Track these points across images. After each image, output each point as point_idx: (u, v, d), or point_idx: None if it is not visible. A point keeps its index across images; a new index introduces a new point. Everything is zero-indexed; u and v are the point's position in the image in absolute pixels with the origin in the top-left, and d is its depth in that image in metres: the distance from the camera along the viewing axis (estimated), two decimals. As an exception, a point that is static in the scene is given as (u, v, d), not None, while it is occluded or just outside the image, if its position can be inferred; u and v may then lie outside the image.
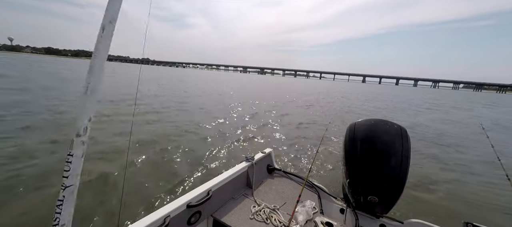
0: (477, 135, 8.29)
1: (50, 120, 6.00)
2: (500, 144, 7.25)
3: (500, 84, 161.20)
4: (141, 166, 3.81)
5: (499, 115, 16.46)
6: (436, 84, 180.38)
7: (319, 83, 67.12)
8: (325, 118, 10.26)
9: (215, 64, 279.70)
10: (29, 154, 3.83)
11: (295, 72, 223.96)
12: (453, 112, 15.85)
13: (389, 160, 1.55)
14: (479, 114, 16.04)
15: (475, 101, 30.96)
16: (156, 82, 20.72)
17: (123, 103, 9.18)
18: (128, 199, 2.89)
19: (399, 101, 22.36)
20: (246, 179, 2.19)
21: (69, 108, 7.45)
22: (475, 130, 9.15)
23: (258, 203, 1.96)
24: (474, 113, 16.33)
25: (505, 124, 11.82)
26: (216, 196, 1.76)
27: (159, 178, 3.46)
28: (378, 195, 1.59)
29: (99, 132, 5.22)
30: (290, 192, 2.20)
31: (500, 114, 17.26)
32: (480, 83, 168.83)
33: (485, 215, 3.24)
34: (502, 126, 11.29)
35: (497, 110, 19.93)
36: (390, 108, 15.64)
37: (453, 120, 11.88)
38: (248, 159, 2.24)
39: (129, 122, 6.42)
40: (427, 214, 3.01)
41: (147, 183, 3.29)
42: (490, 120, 13.05)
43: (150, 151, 4.39)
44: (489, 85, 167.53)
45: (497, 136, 8.58)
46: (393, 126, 1.68)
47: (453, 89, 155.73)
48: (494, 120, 13.37)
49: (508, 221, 3.10)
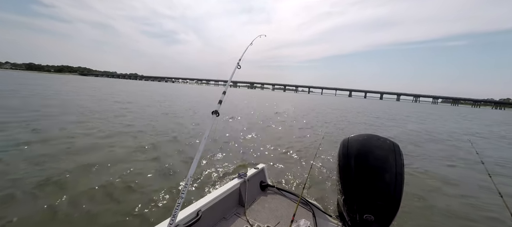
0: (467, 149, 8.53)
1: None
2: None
3: (475, 99, 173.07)
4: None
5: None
6: (417, 99, 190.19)
7: (308, 97, 68.61)
8: (317, 130, 10.36)
9: (205, 79, 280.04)
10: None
11: (285, 86, 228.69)
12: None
13: (384, 176, 1.53)
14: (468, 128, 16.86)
15: (459, 115, 32.54)
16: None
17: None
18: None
19: (395, 118, 20.46)
20: (238, 196, 2.09)
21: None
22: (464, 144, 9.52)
23: (250, 223, 1.85)
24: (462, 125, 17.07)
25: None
26: (207, 217, 1.65)
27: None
28: (374, 213, 1.54)
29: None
30: (284, 210, 2.11)
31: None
32: (456, 98, 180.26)
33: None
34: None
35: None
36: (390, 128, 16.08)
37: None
38: (240, 175, 2.16)
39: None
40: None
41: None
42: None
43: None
44: (465, 100, 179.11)
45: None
46: (385, 142, 1.67)
47: (432, 104, 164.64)
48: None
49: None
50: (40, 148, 4.92)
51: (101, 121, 8.46)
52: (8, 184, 3.28)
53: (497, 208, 3.65)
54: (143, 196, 3.26)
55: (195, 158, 0.94)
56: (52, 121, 7.70)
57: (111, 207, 2.94)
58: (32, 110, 9.41)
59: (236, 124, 10.33)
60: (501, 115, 42.78)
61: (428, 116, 26.65)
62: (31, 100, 12.59)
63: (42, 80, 41.28)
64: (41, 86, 24.39)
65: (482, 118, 31.18)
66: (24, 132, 6.05)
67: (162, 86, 71.84)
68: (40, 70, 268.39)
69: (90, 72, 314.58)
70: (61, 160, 4.35)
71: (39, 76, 79.62)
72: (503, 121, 28.23)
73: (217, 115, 1.15)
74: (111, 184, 3.53)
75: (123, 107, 12.70)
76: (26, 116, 8.04)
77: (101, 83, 48.81)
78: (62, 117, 8.60)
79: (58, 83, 34.24)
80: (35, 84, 27.60)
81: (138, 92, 29.21)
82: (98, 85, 37.57)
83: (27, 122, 7.17)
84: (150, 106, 14.42)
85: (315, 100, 52.23)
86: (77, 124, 7.55)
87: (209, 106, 17.42)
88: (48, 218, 2.62)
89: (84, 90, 24.19)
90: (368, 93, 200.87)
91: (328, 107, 28.15)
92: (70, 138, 5.87)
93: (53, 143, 5.31)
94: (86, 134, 6.35)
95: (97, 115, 9.69)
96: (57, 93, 17.98)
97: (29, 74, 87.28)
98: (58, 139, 5.68)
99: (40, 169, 3.84)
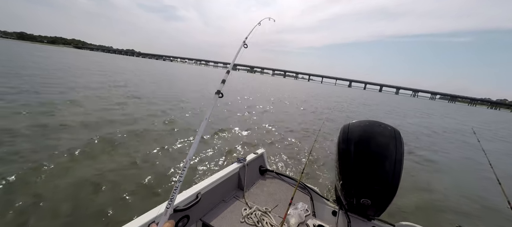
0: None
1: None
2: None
3: (471, 97, 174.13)
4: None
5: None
6: (416, 94, 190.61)
7: (309, 85, 68.29)
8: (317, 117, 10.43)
9: (204, 59, 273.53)
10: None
11: (285, 72, 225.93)
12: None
13: (383, 163, 1.53)
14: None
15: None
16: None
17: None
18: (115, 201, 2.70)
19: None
20: (238, 180, 2.11)
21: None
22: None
23: (249, 206, 1.89)
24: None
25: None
26: (206, 199, 1.67)
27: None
28: (371, 198, 1.58)
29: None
30: (283, 194, 2.15)
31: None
32: (454, 96, 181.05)
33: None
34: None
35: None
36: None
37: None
38: (239, 160, 2.17)
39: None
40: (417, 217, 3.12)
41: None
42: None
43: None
44: (462, 98, 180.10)
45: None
46: (386, 128, 1.66)
47: (430, 100, 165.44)
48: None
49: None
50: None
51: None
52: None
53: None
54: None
55: (195, 141, 0.91)
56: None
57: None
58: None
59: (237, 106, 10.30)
60: (491, 115, 43.14)
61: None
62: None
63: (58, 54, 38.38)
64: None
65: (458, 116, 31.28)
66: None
67: (170, 66, 69.62)
68: (32, 41, 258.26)
69: (85, 45, 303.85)
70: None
71: (42, 48, 76.78)
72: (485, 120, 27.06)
73: (220, 95, 1.06)
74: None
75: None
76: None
77: (110, 61, 46.34)
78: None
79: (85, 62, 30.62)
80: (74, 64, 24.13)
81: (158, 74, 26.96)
82: (127, 66, 34.42)
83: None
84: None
85: (316, 90, 51.70)
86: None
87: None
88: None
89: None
90: (367, 84, 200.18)
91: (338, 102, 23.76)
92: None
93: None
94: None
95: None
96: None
97: (30, 46, 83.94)
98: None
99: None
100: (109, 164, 3.46)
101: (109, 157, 3.72)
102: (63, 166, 3.24)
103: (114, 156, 3.77)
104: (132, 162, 3.63)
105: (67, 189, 2.75)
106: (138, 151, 4.07)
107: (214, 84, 21.37)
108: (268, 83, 42.86)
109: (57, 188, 2.75)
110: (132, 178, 3.19)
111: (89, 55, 61.11)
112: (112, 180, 3.05)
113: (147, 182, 3.15)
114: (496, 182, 1.84)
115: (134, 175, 3.27)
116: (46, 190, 2.67)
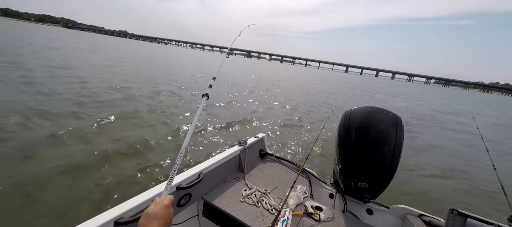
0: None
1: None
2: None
3: (465, 81, 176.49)
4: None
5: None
6: (411, 78, 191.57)
7: (307, 72, 67.59)
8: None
9: (200, 43, 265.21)
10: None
11: (282, 57, 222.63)
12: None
13: (382, 149, 1.57)
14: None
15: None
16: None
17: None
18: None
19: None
20: (238, 162, 2.16)
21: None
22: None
23: (249, 187, 1.95)
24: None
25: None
26: (207, 179, 1.72)
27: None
28: (368, 181, 1.63)
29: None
30: (282, 177, 2.22)
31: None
32: (448, 80, 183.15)
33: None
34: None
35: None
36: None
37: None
38: (240, 143, 2.20)
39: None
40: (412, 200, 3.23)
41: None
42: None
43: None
44: (456, 82, 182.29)
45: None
46: (388, 115, 1.68)
47: (425, 84, 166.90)
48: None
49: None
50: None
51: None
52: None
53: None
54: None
55: (192, 126, 0.96)
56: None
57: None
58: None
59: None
60: (480, 97, 43.57)
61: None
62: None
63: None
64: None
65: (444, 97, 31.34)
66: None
67: (174, 50, 67.35)
68: (18, 18, 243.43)
69: (75, 25, 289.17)
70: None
71: (38, 28, 72.25)
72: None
73: (207, 98, 1.11)
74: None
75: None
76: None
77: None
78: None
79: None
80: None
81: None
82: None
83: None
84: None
85: (313, 76, 51.03)
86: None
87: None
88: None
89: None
90: (364, 69, 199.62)
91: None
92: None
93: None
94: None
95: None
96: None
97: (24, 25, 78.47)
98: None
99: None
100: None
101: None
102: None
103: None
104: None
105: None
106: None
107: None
108: (267, 70, 41.41)
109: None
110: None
111: (97, 38, 57.96)
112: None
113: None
114: (491, 167, 1.92)
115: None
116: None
